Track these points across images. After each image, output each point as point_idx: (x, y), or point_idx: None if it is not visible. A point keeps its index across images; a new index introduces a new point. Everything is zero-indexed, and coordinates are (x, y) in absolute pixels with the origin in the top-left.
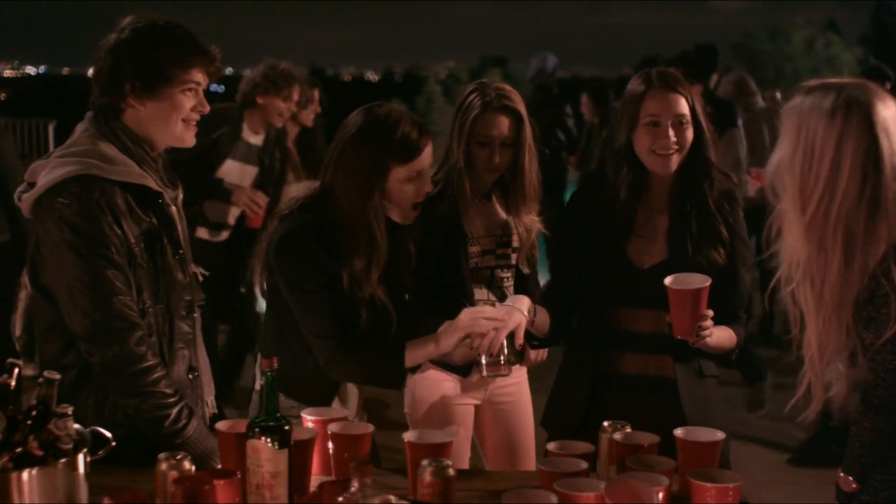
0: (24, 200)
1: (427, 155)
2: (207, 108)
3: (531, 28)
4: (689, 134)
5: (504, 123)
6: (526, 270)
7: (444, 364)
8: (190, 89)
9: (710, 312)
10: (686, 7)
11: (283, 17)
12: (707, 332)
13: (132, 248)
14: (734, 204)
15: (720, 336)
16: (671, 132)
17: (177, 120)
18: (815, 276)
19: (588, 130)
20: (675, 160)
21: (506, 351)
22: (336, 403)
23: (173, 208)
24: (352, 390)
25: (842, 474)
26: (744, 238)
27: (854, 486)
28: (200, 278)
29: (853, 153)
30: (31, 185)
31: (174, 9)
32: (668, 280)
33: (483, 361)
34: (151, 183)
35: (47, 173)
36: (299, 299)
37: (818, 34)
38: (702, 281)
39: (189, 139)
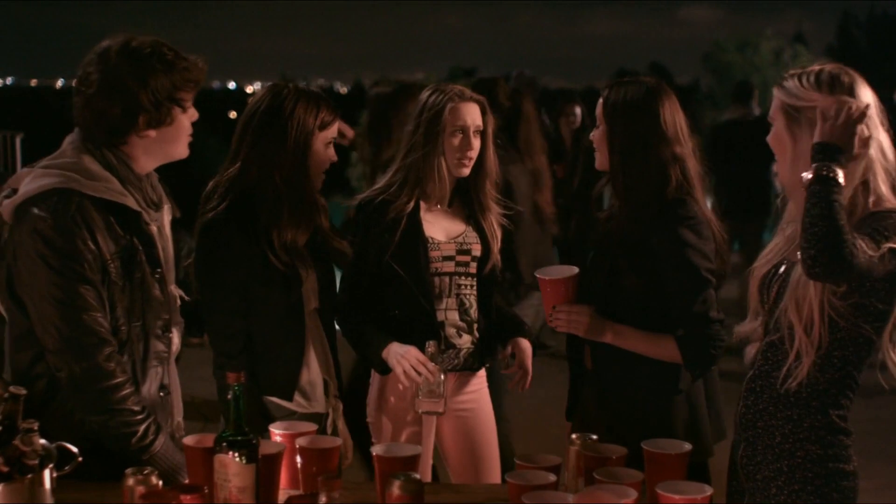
0: (5, 207)
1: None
2: (196, 115)
3: (504, 38)
4: None
5: (476, 111)
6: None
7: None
8: (189, 106)
9: (562, 306)
10: (657, 17)
11: (251, 28)
12: (557, 319)
13: (107, 264)
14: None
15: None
16: None
17: (186, 139)
18: None
19: (575, 139)
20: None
21: (441, 389)
22: (298, 396)
23: (153, 227)
24: (316, 380)
25: None
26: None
27: None
28: (178, 302)
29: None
30: (16, 191)
31: (136, 17)
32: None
33: (420, 397)
34: (131, 202)
35: (28, 182)
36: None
37: (786, 45)
38: (557, 273)
39: (185, 151)
